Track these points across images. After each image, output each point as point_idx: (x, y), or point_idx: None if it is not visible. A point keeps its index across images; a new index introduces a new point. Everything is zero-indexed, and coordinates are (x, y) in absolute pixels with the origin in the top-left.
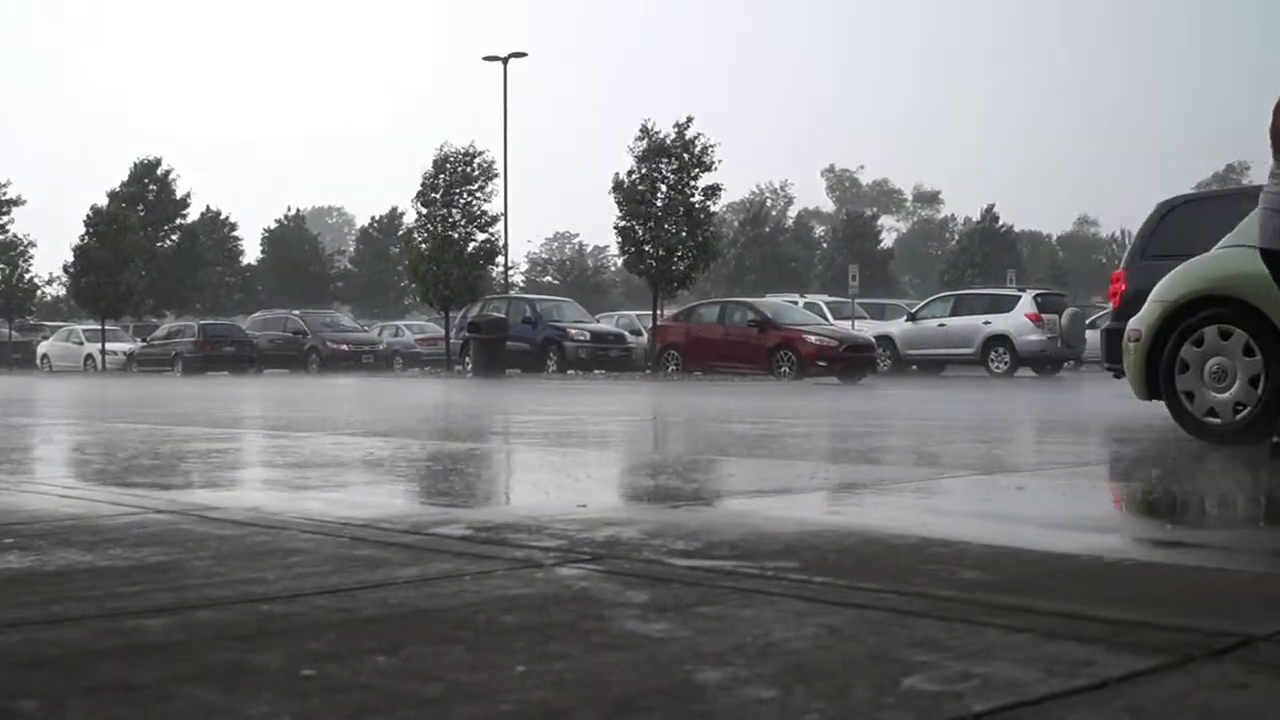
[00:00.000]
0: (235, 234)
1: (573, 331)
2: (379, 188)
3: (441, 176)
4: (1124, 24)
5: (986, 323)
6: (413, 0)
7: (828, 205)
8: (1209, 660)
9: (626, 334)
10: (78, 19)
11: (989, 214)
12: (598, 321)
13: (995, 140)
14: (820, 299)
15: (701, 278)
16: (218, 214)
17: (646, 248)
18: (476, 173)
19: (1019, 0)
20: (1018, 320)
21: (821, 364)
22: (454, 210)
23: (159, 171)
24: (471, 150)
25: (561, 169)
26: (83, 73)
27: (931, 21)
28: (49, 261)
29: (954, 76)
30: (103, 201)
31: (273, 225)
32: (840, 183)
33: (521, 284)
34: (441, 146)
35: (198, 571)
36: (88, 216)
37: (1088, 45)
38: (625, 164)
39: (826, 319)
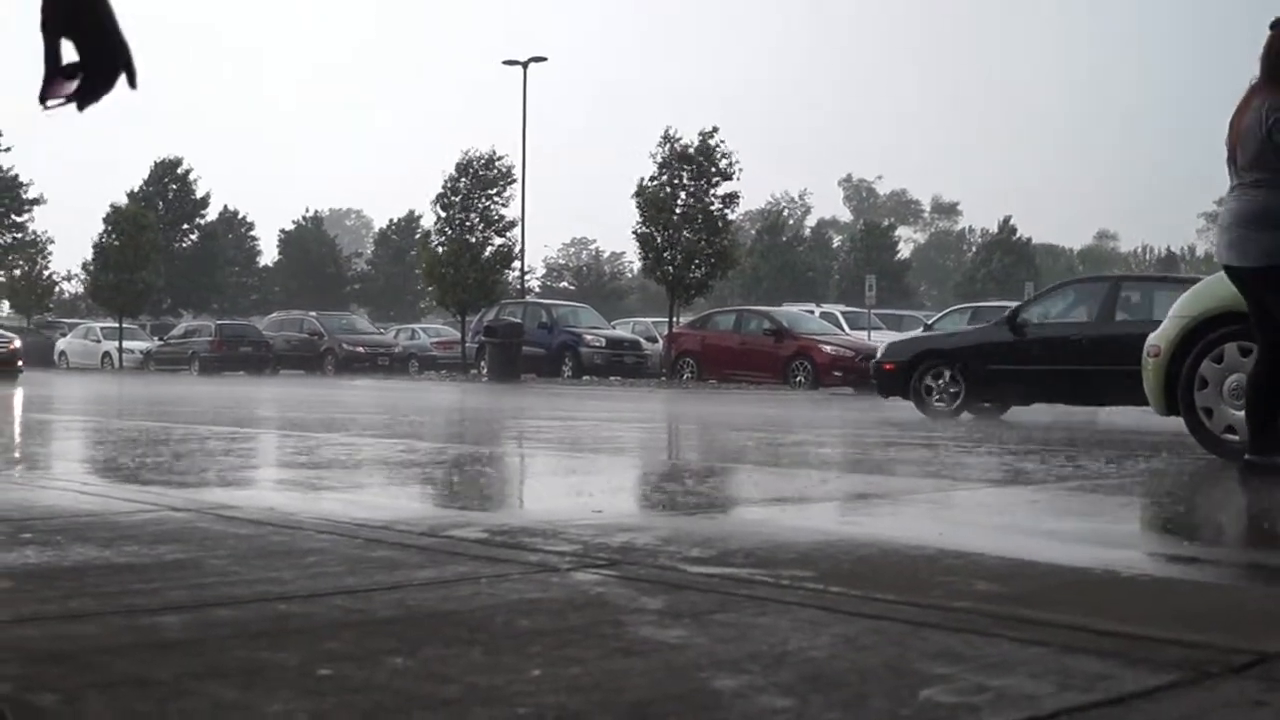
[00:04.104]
0: (253, 234)
1: (588, 337)
2: (397, 190)
3: (463, 180)
4: (1144, 37)
5: None
6: (433, 4)
7: (845, 215)
8: (1226, 677)
9: (642, 340)
10: None
11: (1007, 226)
12: (613, 328)
13: (1014, 152)
14: (836, 309)
15: (718, 286)
16: (236, 214)
17: (665, 254)
18: (496, 176)
19: (1038, 13)
20: None
21: (837, 374)
22: (472, 214)
23: (179, 171)
24: (493, 155)
25: (580, 174)
26: None
27: (950, 32)
28: (68, 259)
29: (973, 88)
30: (123, 200)
31: (290, 226)
32: (858, 193)
33: (538, 289)
34: (466, 152)
35: (215, 570)
36: (108, 214)
37: (1108, 59)
38: (643, 170)
39: (842, 329)
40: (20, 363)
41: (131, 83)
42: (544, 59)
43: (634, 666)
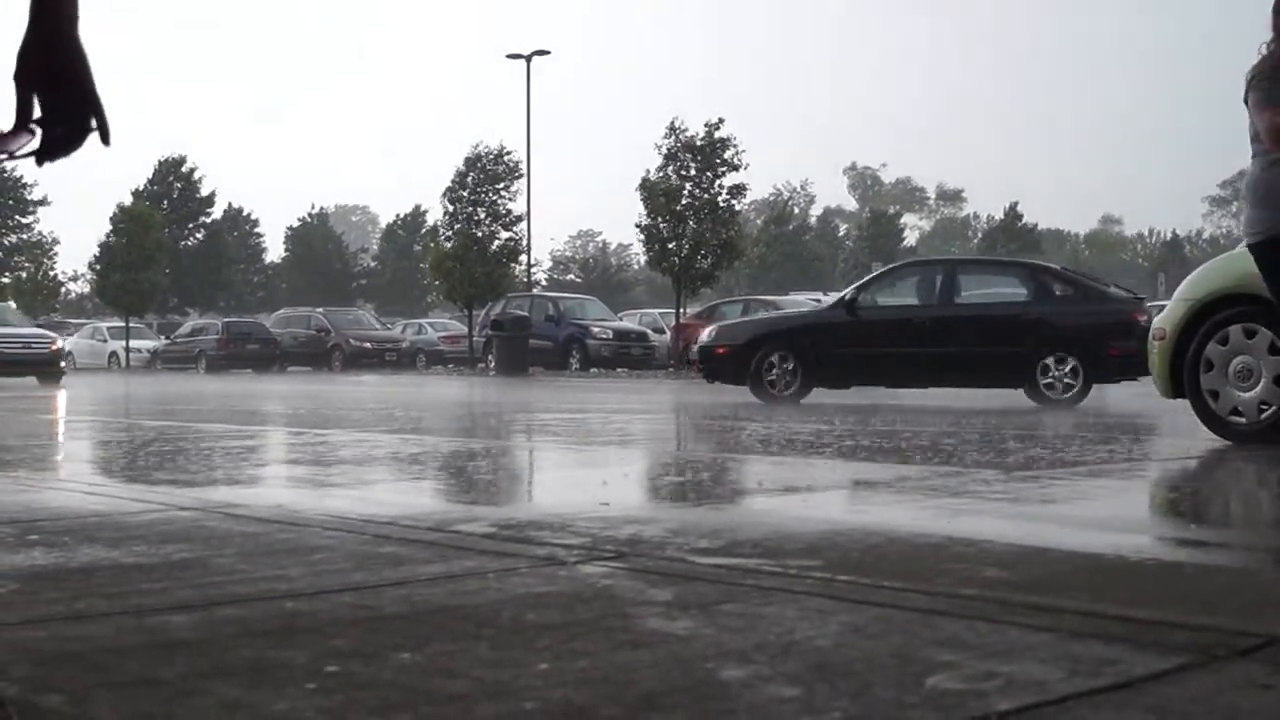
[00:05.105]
0: (259, 231)
1: (595, 330)
2: (403, 186)
3: (471, 175)
4: (1149, 21)
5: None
6: None
7: (850, 203)
8: (1233, 660)
9: (649, 332)
10: (101, 16)
11: (1012, 212)
12: (620, 320)
13: (1018, 138)
14: None
15: (725, 276)
16: (241, 211)
17: (670, 246)
18: (503, 170)
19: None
20: None
21: None
22: (479, 209)
23: (184, 169)
24: (501, 149)
25: (584, 167)
26: (107, 70)
27: (954, 18)
28: (74, 259)
29: (977, 74)
30: (128, 199)
31: (296, 223)
32: (862, 180)
33: (544, 282)
34: (476, 146)
35: (222, 568)
36: (113, 214)
37: (1112, 43)
38: (648, 162)
39: None
40: (63, 364)
41: (105, 140)
42: (547, 52)
43: (641, 659)
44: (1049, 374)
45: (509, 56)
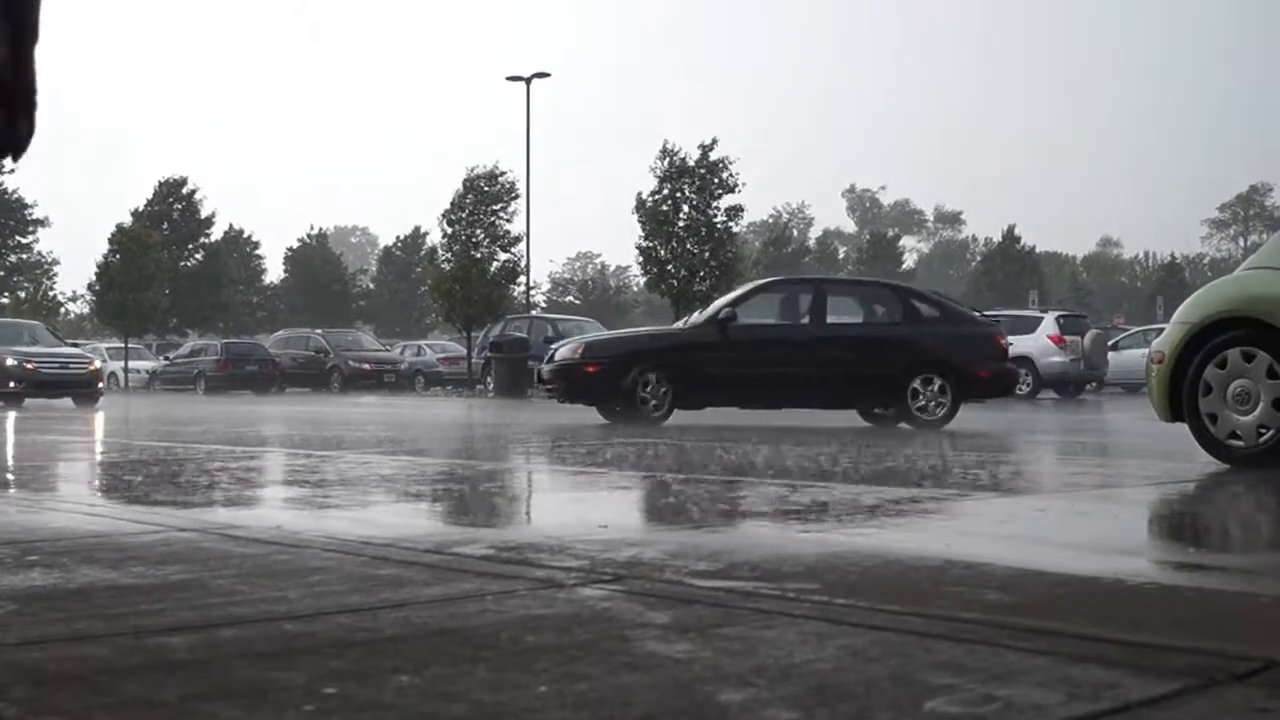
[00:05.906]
0: (258, 253)
1: None
2: (402, 207)
3: (470, 197)
4: (1146, 46)
5: (1008, 344)
6: (436, 20)
7: (849, 225)
8: (1231, 684)
9: None
10: (102, 38)
11: (1010, 235)
12: None
13: (1017, 161)
14: None
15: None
16: (241, 232)
17: (669, 268)
18: (501, 191)
19: (1039, 21)
20: (1040, 342)
21: None
22: (478, 230)
23: (184, 190)
24: (497, 170)
25: (584, 189)
26: (109, 92)
27: (952, 42)
28: (74, 279)
29: (975, 96)
30: (128, 220)
31: (295, 244)
32: (861, 203)
33: (543, 304)
34: (473, 169)
35: (220, 590)
36: (112, 234)
37: (1110, 67)
38: (648, 184)
39: None
40: (101, 384)
41: (17, 156)
42: (547, 74)
43: (640, 681)
44: (919, 395)
45: (509, 79)
